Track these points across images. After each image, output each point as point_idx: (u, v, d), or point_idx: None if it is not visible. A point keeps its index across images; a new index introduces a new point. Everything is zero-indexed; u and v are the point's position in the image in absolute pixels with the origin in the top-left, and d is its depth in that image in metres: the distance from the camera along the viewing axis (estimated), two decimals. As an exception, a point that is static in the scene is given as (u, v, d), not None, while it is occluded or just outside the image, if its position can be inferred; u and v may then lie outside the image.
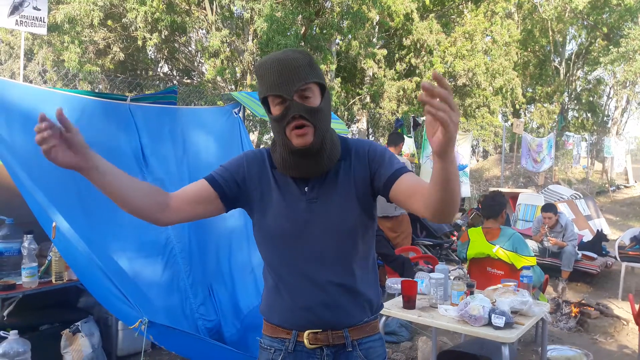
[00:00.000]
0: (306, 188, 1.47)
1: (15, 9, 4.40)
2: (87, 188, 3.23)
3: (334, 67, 12.32)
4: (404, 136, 7.95)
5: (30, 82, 10.34)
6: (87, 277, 2.86)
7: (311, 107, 1.39)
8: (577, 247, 6.21)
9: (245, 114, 5.92)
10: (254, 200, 1.51)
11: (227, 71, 11.42)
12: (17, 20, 4.42)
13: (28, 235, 3.22)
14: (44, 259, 3.41)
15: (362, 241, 1.51)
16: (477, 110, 15.58)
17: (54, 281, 3.31)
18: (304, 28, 12.15)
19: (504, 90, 15.05)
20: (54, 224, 2.70)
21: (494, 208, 3.95)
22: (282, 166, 1.47)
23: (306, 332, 1.48)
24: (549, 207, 6.24)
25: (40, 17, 4.57)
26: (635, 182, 20.88)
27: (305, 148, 1.40)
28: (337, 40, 13.70)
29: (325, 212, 1.46)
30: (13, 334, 2.87)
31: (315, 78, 1.40)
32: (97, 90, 11.19)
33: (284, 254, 1.48)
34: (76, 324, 3.42)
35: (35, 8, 4.51)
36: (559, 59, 22.35)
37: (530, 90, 23.72)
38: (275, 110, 1.41)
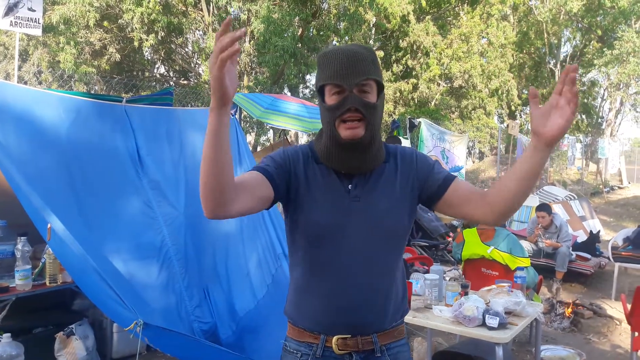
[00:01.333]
0: (350, 186, 1.45)
1: (9, 10, 4.39)
2: (83, 189, 3.24)
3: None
4: (400, 138, 7.97)
5: (25, 83, 10.32)
6: (82, 278, 2.85)
7: (368, 102, 1.38)
8: (571, 248, 6.24)
9: (242, 115, 5.93)
10: (297, 193, 1.46)
11: (223, 72, 11.40)
12: (11, 22, 4.41)
13: (22, 237, 3.21)
14: (38, 261, 3.40)
15: (398, 245, 1.51)
16: (473, 111, 15.64)
17: (47, 284, 3.29)
18: (300, 29, 12.17)
19: (499, 91, 15.12)
20: (49, 225, 2.69)
21: None
22: (325, 157, 1.45)
23: (335, 338, 1.45)
24: (542, 207, 6.28)
25: (35, 18, 4.56)
26: (629, 183, 20.96)
27: (354, 141, 1.39)
28: (334, 42, 13.71)
29: (367, 212, 1.44)
30: (6, 337, 2.86)
31: (376, 75, 1.40)
32: (92, 92, 11.18)
33: (322, 252, 1.44)
34: (70, 326, 3.40)
35: (30, 9, 4.49)
36: (554, 60, 22.42)
37: (526, 92, 23.77)
38: (331, 99, 1.39)
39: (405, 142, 8.77)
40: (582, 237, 7.45)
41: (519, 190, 1.33)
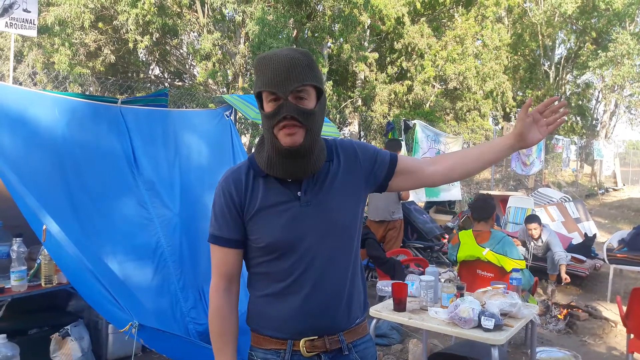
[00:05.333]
0: (299, 192, 1.44)
1: (4, 11, 4.37)
2: (78, 190, 3.23)
3: (325, 70, 12.35)
4: (400, 141, 7.99)
5: (20, 84, 10.26)
6: (77, 280, 2.84)
7: (304, 108, 1.36)
8: (568, 256, 6.06)
9: (237, 116, 5.92)
10: (249, 215, 1.45)
11: (218, 74, 11.41)
12: (6, 23, 4.39)
13: (17, 239, 3.20)
14: (33, 262, 3.39)
15: (354, 240, 1.53)
16: (467, 113, 15.67)
17: (43, 285, 3.28)
18: (295, 31, 12.18)
19: (494, 93, 15.15)
20: (44, 226, 2.68)
21: (484, 210, 3.97)
22: (267, 165, 1.43)
23: (302, 340, 1.45)
24: (532, 218, 6.05)
25: (30, 19, 4.54)
26: (624, 185, 21.08)
27: (293, 148, 1.37)
28: (329, 44, 13.72)
29: (320, 215, 1.44)
30: (2, 338, 2.85)
31: (312, 81, 1.37)
32: (87, 93, 11.14)
33: (283, 262, 1.44)
34: (66, 327, 3.39)
35: (25, 10, 4.48)
36: (548, 62, 22.51)
37: (521, 94, 23.85)
38: (268, 107, 1.38)
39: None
40: (577, 239, 7.47)
41: (477, 170, 1.62)
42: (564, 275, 5.55)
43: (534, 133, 1.53)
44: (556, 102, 1.53)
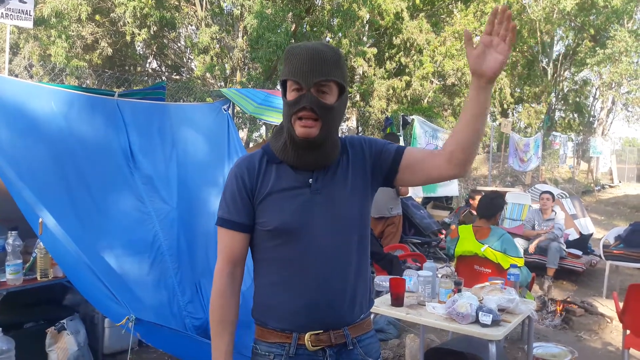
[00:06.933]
0: (310, 180, 1.47)
1: (0, 1, 4.33)
2: (75, 184, 3.21)
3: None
4: (398, 135, 7.98)
5: (16, 76, 10.20)
6: (74, 273, 2.83)
7: (324, 103, 1.40)
8: (564, 245, 6.30)
9: (235, 110, 5.90)
10: (260, 200, 1.48)
11: (216, 68, 11.37)
12: (2, 13, 4.35)
13: (12, 232, 3.18)
14: (29, 255, 3.37)
15: (362, 235, 1.53)
16: (465, 109, 15.66)
17: (39, 278, 3.27)
18: (294, 25, 12.14)
19: (492, 90, 15.15)
20: (40, 219, 2.66)
21: (488, 209, 3.97)
22: (282, 152, 1.47)
23: (307, 334, 1.46)
24: (547, 191, 6.70)
25: (27, 10, 4.50)
26: (620, 182, 21.15)
27: (306, 140, 1.41)
28: (328, 38, 13.69)
29: (328, 204, 1.46)
30: (-3, 332, 2.83)
31: (337, 77, 1.41)
32: (84, 86, 11.08)
33: (290, 250, 1.45)
34: (62, 321, 3.37)
35: (21, 1, 4.44)
36: (546, 59, 22.50)
37: (518, 91, 23.88)
38: (290, 95, 1.42)
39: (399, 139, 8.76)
40: (573, 235, 7.49)
41: (473, 132, 1.40)
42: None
43: (491, 58, 1.33)
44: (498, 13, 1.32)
